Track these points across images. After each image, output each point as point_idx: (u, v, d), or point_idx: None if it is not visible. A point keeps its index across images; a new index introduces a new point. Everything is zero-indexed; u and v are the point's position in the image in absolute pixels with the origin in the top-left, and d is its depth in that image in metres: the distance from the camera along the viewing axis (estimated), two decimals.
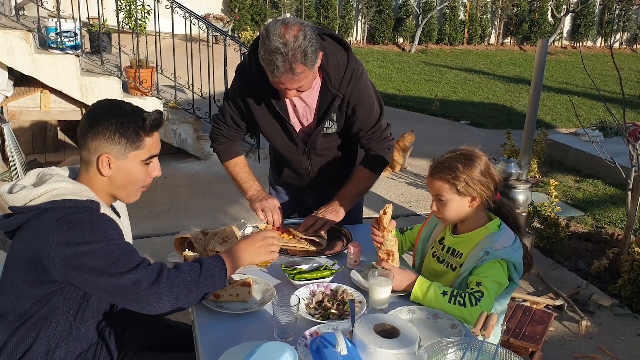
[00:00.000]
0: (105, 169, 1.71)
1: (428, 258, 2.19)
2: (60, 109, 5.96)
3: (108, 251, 1.57)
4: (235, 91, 2.38)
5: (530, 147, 4.49)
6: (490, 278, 1.89)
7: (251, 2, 14.52)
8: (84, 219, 1.60)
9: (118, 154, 1.71)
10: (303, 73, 2.02)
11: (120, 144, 1.70)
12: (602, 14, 17.53)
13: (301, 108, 2.35)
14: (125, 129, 1.70)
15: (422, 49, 15.48)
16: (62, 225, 1.57)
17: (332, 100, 2.27)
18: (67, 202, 1.62)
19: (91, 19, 6.21)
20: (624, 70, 13.69)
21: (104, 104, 1.75)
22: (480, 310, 1.81)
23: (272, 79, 2.06)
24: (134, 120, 1.71)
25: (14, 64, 5.51)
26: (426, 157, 6.25)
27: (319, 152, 2.47)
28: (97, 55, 6.18)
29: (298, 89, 2.11)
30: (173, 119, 6.16)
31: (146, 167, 1.78)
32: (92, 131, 1.70)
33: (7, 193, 1.67)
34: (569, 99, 9.89)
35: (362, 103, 2.32)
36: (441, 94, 10.34)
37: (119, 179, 1.75)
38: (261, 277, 2.07)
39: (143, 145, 1.74)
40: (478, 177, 1.95)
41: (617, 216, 5.21)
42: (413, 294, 1.91)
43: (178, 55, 5.97)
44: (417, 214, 5.22)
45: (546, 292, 3.80)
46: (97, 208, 1.67)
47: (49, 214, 1.60)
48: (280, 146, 2.47)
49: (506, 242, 1.95)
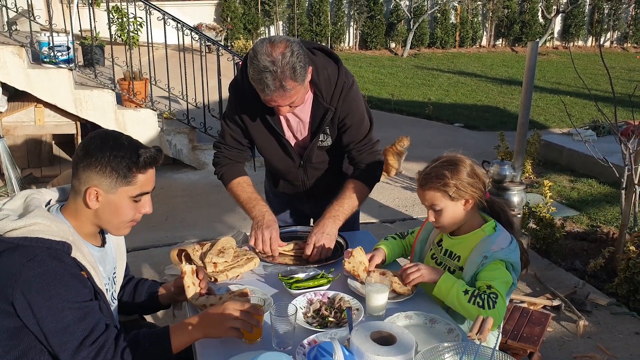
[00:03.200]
0: (92, 201, 1.69)
1: (427, 260, 2.21)
2: (54, 123, 5.97)
3: (61, 315, 1.56)
4: (231, 109, 2.40)
5: (523, 149, 4.52)
6: (497, 280, 1.93)
7: (243, 11, 14.58)
8: (49, 269, 1.58)
9: (107, 187, 1.68)
10: (294, 89, 2.04)
11: (111, 178, 1.67)
12: (592, 13, 17.64)
13: (295, 123, 2.37)
14: (118, 163, 1.67)
15: (414, 53, 15.55)
16: (31, 269, 1.56)
17: (324, 113, 2.30)
18: (39, 241, 1.60)
19: (84, 31, 6.24)
20: (614, 69, 13.77)
21: (100, 135, 1.72)
22: (497, 312, 1.84)
23: (264, 97, 2.08)
24: (129, 155, 1.68)
25: (8, 79, 5.52)
26: (421, 161, 6.27)
27: (314, 165, 2.48)
28: (90, 69, 6.20)
29: (291, 105, 2.13)
30: (168, 129, 6.18)
31: (135, 204, 1.74)
32: (84, 162, 1.67)
33: None
34: (561, 100, 9.94)
35: (353, 114, 2.34)
36: (434, 98, 10.38)
37: (106, 213, 1.72)
38: (258, 287, 2.08)
39: (135, 181, 1.70)
40: (466, 180, 2.00)
41: (612, 215, 5.24)
42: (437, 286, 1.94)
43: (171, 65, 5.99)
44: (414, 217, 5.24)
45: (543, 292, 3.82)
46: (68, 251, 1.64)
47: (21, 251, 1.59)
48: (277, 161, 2.48)
49: (503, 244, 1.99)
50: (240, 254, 2.25)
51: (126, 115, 5.95)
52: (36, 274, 1.55)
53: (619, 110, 4.19)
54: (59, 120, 5.96)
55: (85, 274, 1.67)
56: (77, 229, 1.74)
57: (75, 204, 1.73)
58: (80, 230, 1.75)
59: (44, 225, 1.63)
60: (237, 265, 2.17)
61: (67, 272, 1.61)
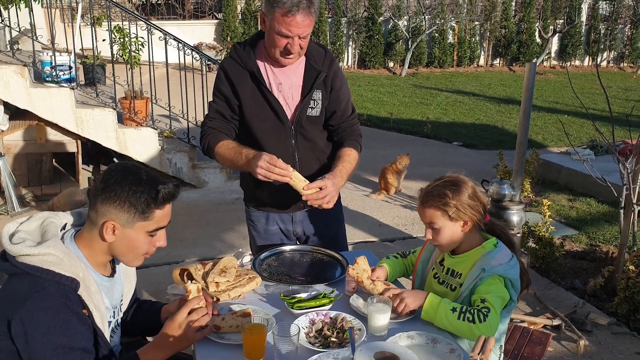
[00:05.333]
0: (108, 235, 1.72)
1: (429, 279, 2.22)
2: (55, 141, 6.00)
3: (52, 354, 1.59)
4: (220, 82, 2.47)
5: (522, 168, 4.55)
6: (492, 294, 1.94)
7: (243, 31, 14.70)
8: (54, 305, 1.61)
9: (125, 222, 1.71)
10: (314, 17, 2.23)
11: (129, 213, 1.70)
12: (589, 33, 17.81)
13: (287, 86, 2.43)
14: (137, 199, 1.69)
15: (412, 73, 15.65)
16: (37, 301, 1.59)
17: (316, 76, 2.41)
18: (50, 274, 1.63)
19: (85, 50, 6.29)
20: (611, 89, 13.87)
21: (120, 169, 1.75)
22: (489, 326, 1.84)
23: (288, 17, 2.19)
24: (147, 190, 1.70)
25: (10, 98, 5.56)
26: (420, 179, 6.31)
27: (305, 134, 2.49)
28: (91, 87, 6.24)
29: (301, 45, 2.28)
30: (168, 148, 6.20)
31: (151, 238, 1.78)
32: (103, 195, 1.70)
33: (8, 238, 1.70)
34: (559, 119, 10.00)
35: (343, 87, 2.51)
36: (433, 116, 10.44)
37: (121, 247, 1.75)
38: (260, 307, 2.08)
39: (152, 217, 1.73)
40: (467, 202, 2.02)
41: (611, 234, 5.25)
42: (424, 310, 1.95)
43: (172, 84, 6.04)
44: (414, 236, 5.25)
45: (543, 312, 3.81)
46: (76, 288, 1.66)
47: (30, 279, 1.62)
48: (267, 127, 2.46)
49: (502, 259, 2.00)
50: (242, 273, 2.26)
51: (127, 134, 5.98)
52: (40, 307, 1.58)
53: (617, 129, 4.23)
54: (60, 139, 5.98)
55: (87, 312, 1.69)
56: (89, 258, 1.76)
57: (91, 234, 1.75)
58: (92, 259, 1.77)
59: (57, 258, 1.65)
60: (239, 285, 2.18)
61: (70, 310, 1.63)
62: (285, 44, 2.27)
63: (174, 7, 15.68)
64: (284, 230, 2.69)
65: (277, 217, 2.65)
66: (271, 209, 2.64)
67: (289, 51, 2.29)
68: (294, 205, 2.60)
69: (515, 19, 17.18)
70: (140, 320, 2.06)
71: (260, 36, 2.45)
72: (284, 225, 2.67)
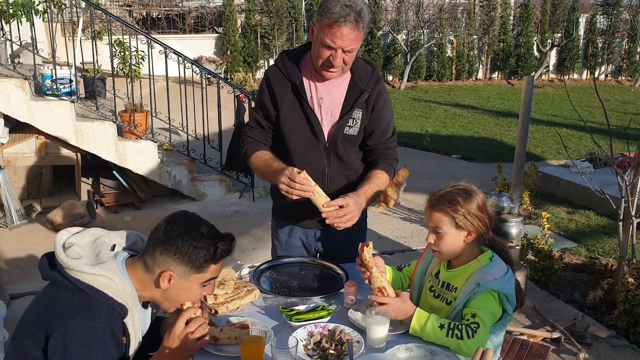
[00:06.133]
0: (164, 283, 1.75)
1: (425, 292, 2.21)
2: (55, 154, 6.01)
3: None
4: (261, 91, 2.48)
5: (520, 181, 4.56)
6: (484, 309, 1.93)
7: (243, 45, 14.78)
8: (100, 327, 1.63)
9: (181, 274, 1.76)
10: (361, 32, 2.22)
11: (187, 267, 1.75)
12: (587, 47, 17.93)
13: (328, 102, 2.41)
14: (197, 255, 1.74)
15: (411, 86, 15.73)
16: (84, 320, 1.61)
17: (359, 94, 2.39)
18: (103, 297, 1.66)
19: (86, 64, 6.32)
20: (610, 102, 13.93)
21: (184, 222, 1.78)
22: (477, 342, 1.84)
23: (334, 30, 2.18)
24: (207, 247, 1.75)
25: (11, 111, 5.59)
26: (420, 192, 6.31)
27: (339, 152, 2.46)
28: (92, 101, 6.27)
29: (345, 58, 2.24)
30: (168, 161, 6.22)
31: (203, 288, 1.82)
32: (164, 246, 1.74)
33: (61, 247, 1.72)
34: (557, 132, 10.03)
35: (386, 107, 2.47)
36: (432, 129, 10.48)
37: (174, 294, 1.80)
38: (259, 319, 2.08)
39: (207, 270, 1.78)
40: (475, 212, 2.02)
41: (610, 246, 5.25)
42: (412, 326, 1.94)
43: (172, 97, 6.06)
44: (413, 249, 5.24)
45: (543, 324, 3.81)
46: (124, 316, 1.70)
47: (83, 297, 1.65)
48: (300, 141, 2.44)
49: (497, 274, 1.99)
50: (241, 285, 2.26)
51: (127, 147, 5.99)
52: (86, 326, 1.61)
53: (615, 142, 4.25)
54: (60, 152, 6.00)
55: (126, 340, 1.72)
56: (137, 291, 1.79)
57: (144, 277, 1.78)
58: (139, 293, 1.80)
59: (112, 282, 1.68)
60: (237, 297, 2.17)
61: (113, 335, 1.66)
62: (328, 56, 2.25)
63: (174, 21, 15.80)
64: (306, 245, 2.66)
65: (301, 231, 2.64)
66: (295, 221, 2.63)
67: (332, 64, 2.26)
68: (318, 221, 2.56)
69: (513, 33, 17.30)
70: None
71: (309, 47, 2.43)
72: (307, 239, 2.65)
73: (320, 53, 2.26)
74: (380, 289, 2.04)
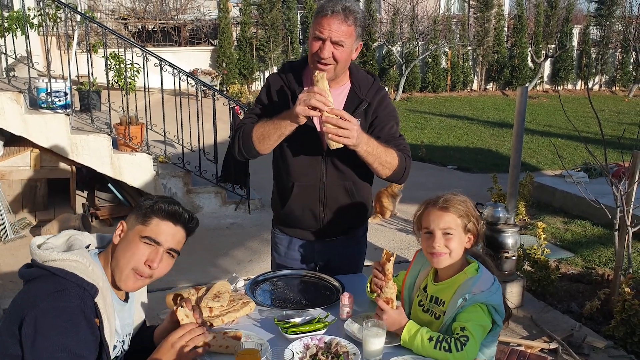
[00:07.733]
0: (117, 238, 1.87)
1: (414, 307, 2.18)
2: (50, 167, 5.99)
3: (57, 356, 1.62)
4: (262, 93, 2.51)
5: (516, 191, 4.56)
6: (473, 322, 1.92)
7: (238, 57, 14.84)
8: (71, 307, 1.67)
9: (130, 224, 1.88)
10: (350, 25, 2.24)
11: (136, 215, 1.87)
12: (580, 58, 18.07)
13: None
14: (144, 204, 1.88)
15: (406, 97, 15.80)
16: (55, 300, 1.65)
17: (358, 104, 2.40)
18: (73, 277, 1.72)
19: (81, 76, 6.32)
20: (604, 112, 14.01)
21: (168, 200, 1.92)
22: (467, 355, 1.83)
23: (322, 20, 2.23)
24: (157, 200, 1.89)
25: (5, 124, 5.57)
26: (416, 203, 6.26)
27: (336, 162, 2.43)
28: (87, 114, 6.26)
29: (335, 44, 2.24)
30: (163, 173, 6.21)
31: (144, 249, 1.84)
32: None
33: (36, 246, 1.81)
34: (552, 142, 10.08)
35: (389, 115, 2.45)
36: (427, 140, 10.50)
37: (119, 249, 1.85)
38: (254, 332, 2.06)
39: (149, 223, 1.85)
40: (478, 218, 2.07)
41: (607, 256, 5.25)
42: (402, 337, 1.95)
43: (167, 109, 6.06)
44: (409, 260, 5.22)
45: (540, 335, 3.79)
46: (94, 295, 1.74)
47: (53, 280, 1.70)
48: (298, 148, 2.43)
49: (483, 286, 1.97)
50: (236, 298, 2.25)
51: (122, 160, 5.98)
52: (57, 306, 1.64)
53: (609, 152, 4.26)
54: (54, 165, 5.98)
55: (99, 322, 1.74)
56: (108, 277, 1.86)
57: (108, 251, 1.88)
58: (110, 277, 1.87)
59: (82, 265, 1.76)
60: (232, 310, 2.16)
61: (84, 315, 1.69)
62: (318, 48, 2.27)
63: (170, 34, 15.85)
64: (305, 258, 2.65)
65: (300, 242, 2.63)
66: (295, 232, 2.62)
67: (320, 56, 2.26)
68: (317, 233, 2.57)
69: (507, 44, 17.43)
70: (134, 344, 2.06)
71: None
72: (305, 252, 2.64)
73: (311, 47, 2.31)
74: (388, 300, 2.04)
